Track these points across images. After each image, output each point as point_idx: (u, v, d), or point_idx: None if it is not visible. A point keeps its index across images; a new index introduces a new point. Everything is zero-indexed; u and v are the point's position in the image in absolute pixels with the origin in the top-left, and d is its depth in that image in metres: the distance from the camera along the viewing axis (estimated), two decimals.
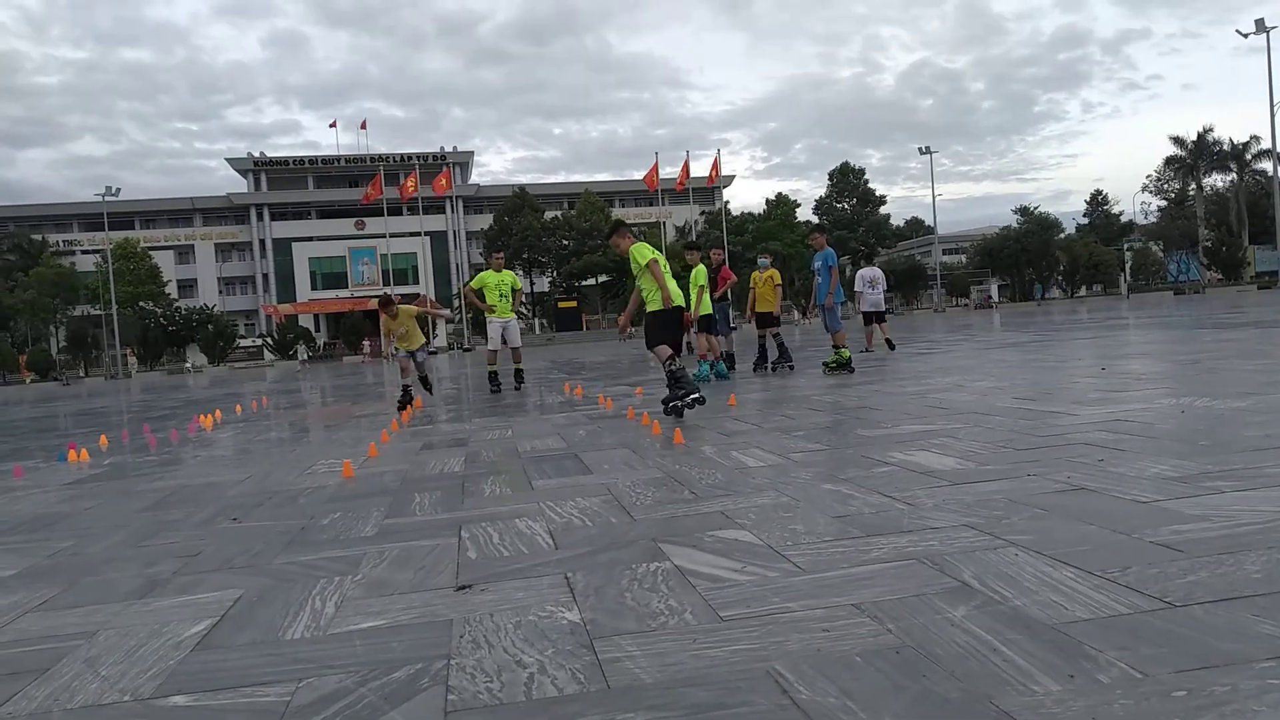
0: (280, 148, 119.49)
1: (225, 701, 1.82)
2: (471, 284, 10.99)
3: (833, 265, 10.09)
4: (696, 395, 6.14)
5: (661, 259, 6.68)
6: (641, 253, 6.56)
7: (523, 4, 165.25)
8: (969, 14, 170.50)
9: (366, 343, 49.57)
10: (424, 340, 9.94)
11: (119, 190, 49.49)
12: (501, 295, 10.62)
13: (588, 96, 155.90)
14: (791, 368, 10.81)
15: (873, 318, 14.29)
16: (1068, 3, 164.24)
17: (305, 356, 42.09)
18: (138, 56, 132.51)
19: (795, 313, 48.67)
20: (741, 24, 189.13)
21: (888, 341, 13.77)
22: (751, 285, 11.26)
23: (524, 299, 64.83)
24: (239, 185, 75.46)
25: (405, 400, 9.24)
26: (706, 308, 10.12)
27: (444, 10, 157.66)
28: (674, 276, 6.87)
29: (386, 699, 1.76)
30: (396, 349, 9.68)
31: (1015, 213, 70.76)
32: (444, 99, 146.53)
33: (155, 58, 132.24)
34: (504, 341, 10.76)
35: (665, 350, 6.34)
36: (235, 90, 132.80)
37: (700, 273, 10.14)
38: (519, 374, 11.09)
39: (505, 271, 10.87)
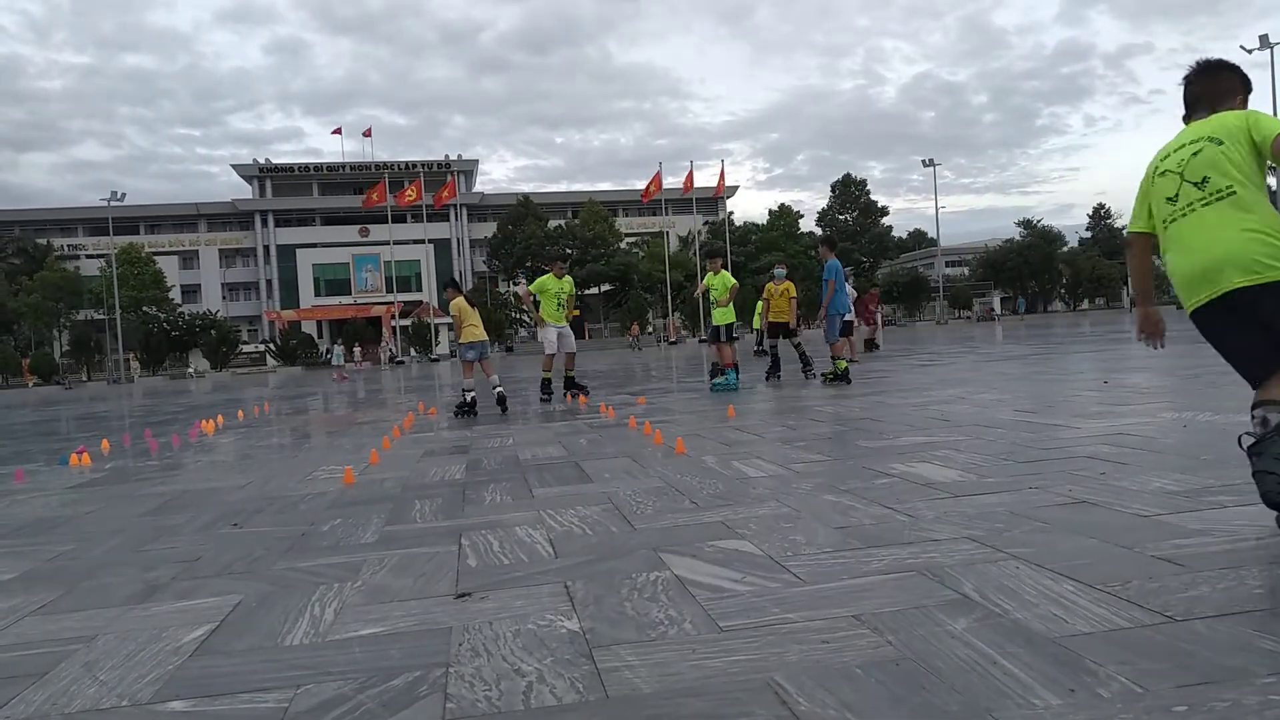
0: (282, 154, 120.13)
1: (224, 707, 1.81)
2: (531, 287, 10.27)
3: (830, 278, 10.17)
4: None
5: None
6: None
7: (524, 14, 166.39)
8: (971, 27, 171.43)
9: (358, 349, 49.08)
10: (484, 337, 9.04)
11: (124, 195, 49.73)
12: (559, 305, 10.11)
13: (589, 106, 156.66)
14: (808, 374, 10.94)
15: (849, 329, 14.49)
16: (1070, 17, 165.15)
17: (341, 360, 34.23)
18: (140, 62, 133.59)
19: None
20: (743, 35, 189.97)
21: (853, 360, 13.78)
22: (766, 296, 11.47)
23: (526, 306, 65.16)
24: (243, 191, 75.70)
25: (468, 409, 8.44)
26: (722, 318, 10.17)
27: (446, 19, 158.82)
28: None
29: (385, 706, 1.76)
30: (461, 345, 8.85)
31: (1018, 225, 70.80)
32: (446, 107, 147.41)
33: (157, 63, 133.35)
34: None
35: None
36: (237, 96, 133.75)
37: (724, 281, 10.23)
38: (571, 380, 10.39)
39: (566, 279, 10.29)
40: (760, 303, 13.28)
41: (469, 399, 8.47)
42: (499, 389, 8.89)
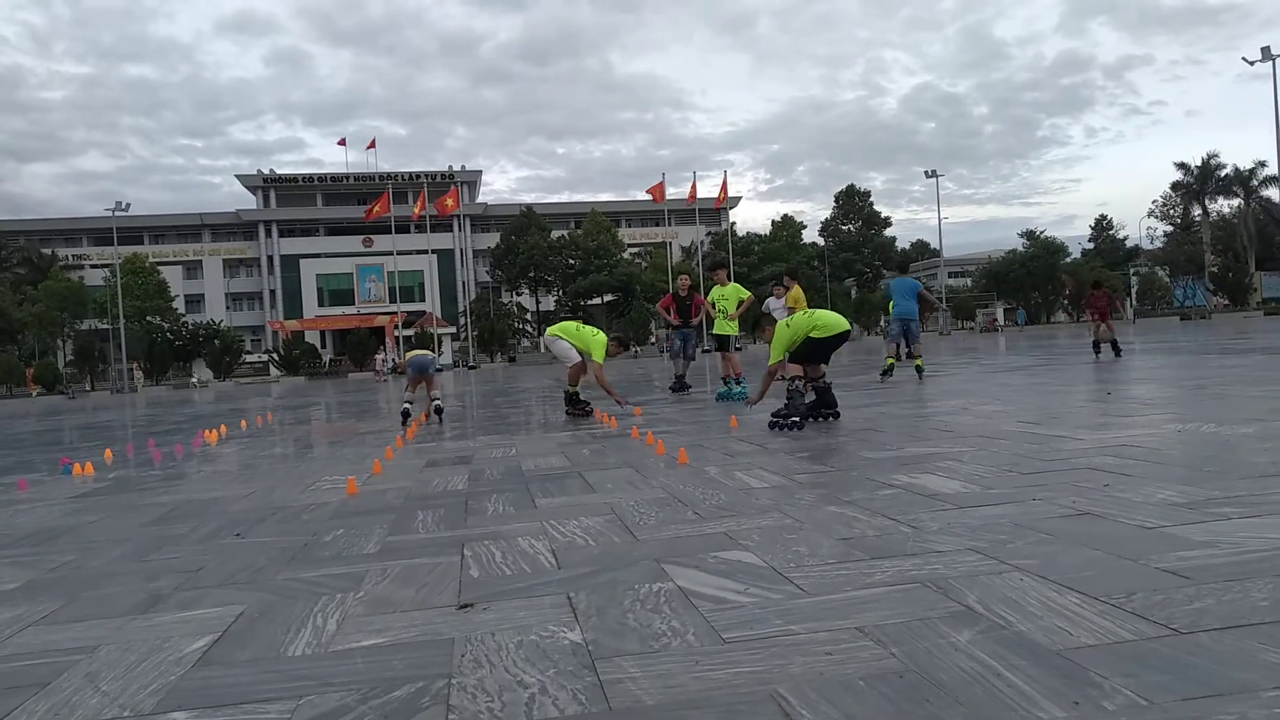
0: (284, 165, 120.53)
1: (225, 718, 1.81)
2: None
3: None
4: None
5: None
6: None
7: (525, 24, 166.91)
8: (971, 38, 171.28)
9: (378, 357, 49.09)
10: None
11: (129, 205, 49.84)
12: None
13: (591, 117, 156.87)
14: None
15: None
16: (1070, 28, 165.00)
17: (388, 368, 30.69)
18: (141, 72, 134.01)
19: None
20: (744, 46, 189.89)
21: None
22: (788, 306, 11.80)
23: (529, 316, 65.34)
24: (246, 201, 76.01)
25: (402, 419, 9.25)
26: (723, 329, 10.24)
27: (446, 30, 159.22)
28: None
29: (387, 717, 1.75)
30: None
31: (1021, 236, 70.88)
32: (447, 118, 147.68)
33: (158, 74, 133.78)
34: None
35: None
36: (238, 107, 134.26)
37: (736, 292, 10.36)
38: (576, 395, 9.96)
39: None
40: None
41: (402, 409, 9.46)
42: (436, 401, 9.79)
